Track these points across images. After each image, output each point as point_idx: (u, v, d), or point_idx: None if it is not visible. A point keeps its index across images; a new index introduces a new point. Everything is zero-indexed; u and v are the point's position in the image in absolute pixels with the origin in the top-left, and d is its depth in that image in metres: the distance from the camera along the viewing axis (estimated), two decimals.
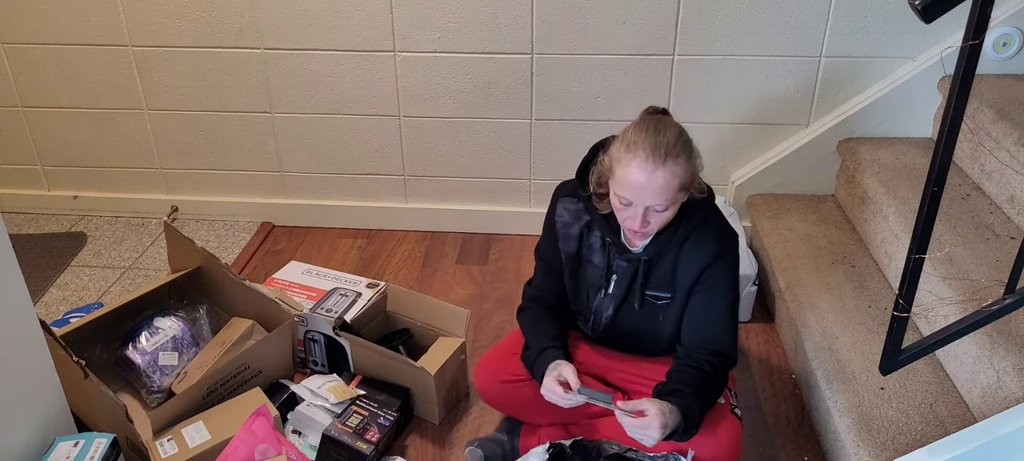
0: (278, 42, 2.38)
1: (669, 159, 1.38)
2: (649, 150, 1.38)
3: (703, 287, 1.52)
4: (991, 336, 1.50)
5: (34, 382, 1.46)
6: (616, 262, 1.57)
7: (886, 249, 2.01)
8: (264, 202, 2.69)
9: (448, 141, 2.51)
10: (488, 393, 1.71)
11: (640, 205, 1.41)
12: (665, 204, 1.41)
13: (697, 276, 1.52)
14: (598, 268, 1.60)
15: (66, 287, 2.37)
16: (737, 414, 1.60)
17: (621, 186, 1.42)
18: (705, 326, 1.54)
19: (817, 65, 2.27)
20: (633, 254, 1.55)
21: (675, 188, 1.40)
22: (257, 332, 1.87)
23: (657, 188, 1.39)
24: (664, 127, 1.41)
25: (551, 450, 1.49)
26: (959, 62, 1.14)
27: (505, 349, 1.73)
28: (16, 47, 2.49)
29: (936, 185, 1.22)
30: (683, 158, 1.40)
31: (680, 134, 1.43)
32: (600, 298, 1.62)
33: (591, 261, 1.61)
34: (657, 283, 1.56)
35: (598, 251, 1.59)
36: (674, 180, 1.39)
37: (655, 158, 1.37)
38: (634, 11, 2.23)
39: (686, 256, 1.52)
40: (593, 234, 1.59)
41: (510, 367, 1.68)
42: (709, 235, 1.51)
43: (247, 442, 1.51)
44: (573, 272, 1.65)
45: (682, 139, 1.42)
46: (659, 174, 1.38)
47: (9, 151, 2.69)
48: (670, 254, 1.53)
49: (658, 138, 1.39)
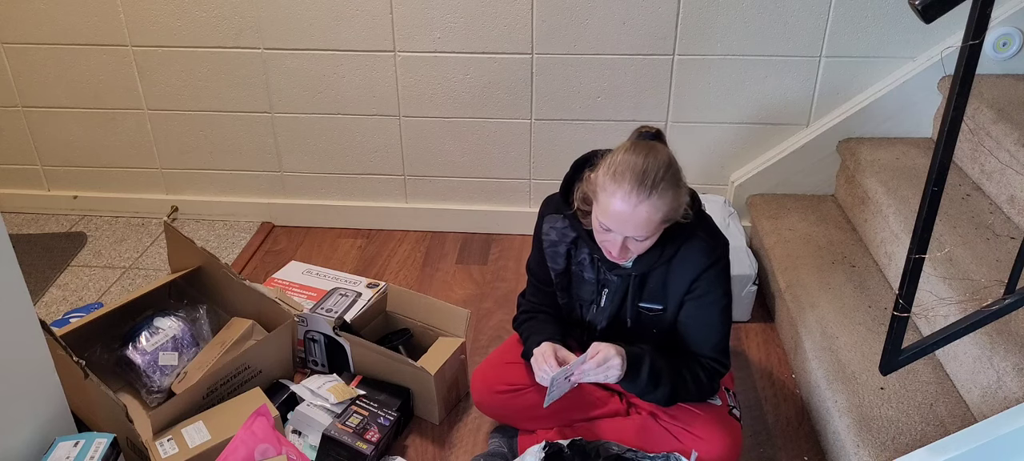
0: (278, 42, 2.38)
1: (654, 194, 1.36)
2: (635, 182, 1.35)
3: (694, 296, 1.52)
4: (991, 336, 1.50)
5: (34, 382, 1.46)
6: (607, 277, 1.57)
7: (886, 249, 2.01)
8: (264, 202, 2.69)
9: (448, 141, 2.51)
10: (484, 404, 1.72)
11: (620, 235, 1.41)
12: (645, 236, 1.40)
13: (688, 286, 1.51)
14: (590, 283, 1.60)
15: (66, 287, 2.37)
16: (735, 415, 1.60)
17: (603, 213, 1.40)
18: (697, 333, 1.55)
19: (817, 65, 2.27)
20: (623, 269, 1.54)
21: (657, 221, 1.39)
22: (257, 332, 1.87)
23: (639, 221, 1.37)
24: (653, 155, 1.38)
25: (547, 449, 1.49)
26: (959, 62, 1.14)
27: (499, 359, 1.73)
28: (16, 47, 2.49)
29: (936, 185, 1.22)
30: (669, 193, 1.38)
31: (669, 165, 1.39)
32: (593, 313, 1.63)
33: (583, 277, 1.60)
34: (649, 295, 1.56)
35: (589, 267, 1.59)
36: (656, 214, 1.37)
37: (640, 192, 1.35)
38: (634, 11, 2.23)
39: (676, 269, 1.51)
40: (581, 251, 1.58)
41: (506, 377, 1.68)
42: (696, 248, 1.49)
43: (247, 442, 1.51)
44: (565, 288, 1.65)
45: (671, 171, 1.39)
46: (642, 208, 1.36)
47: (9, 151, 2.69)
48: (661, 267, 1.52)
49: (646, 169, 1.36)
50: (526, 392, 1.67)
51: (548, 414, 1.67)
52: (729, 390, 1.64)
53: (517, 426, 1.74)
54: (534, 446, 1.51)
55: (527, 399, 1.67)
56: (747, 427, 1.80)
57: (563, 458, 1.51)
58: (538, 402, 1.66)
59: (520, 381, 1.67)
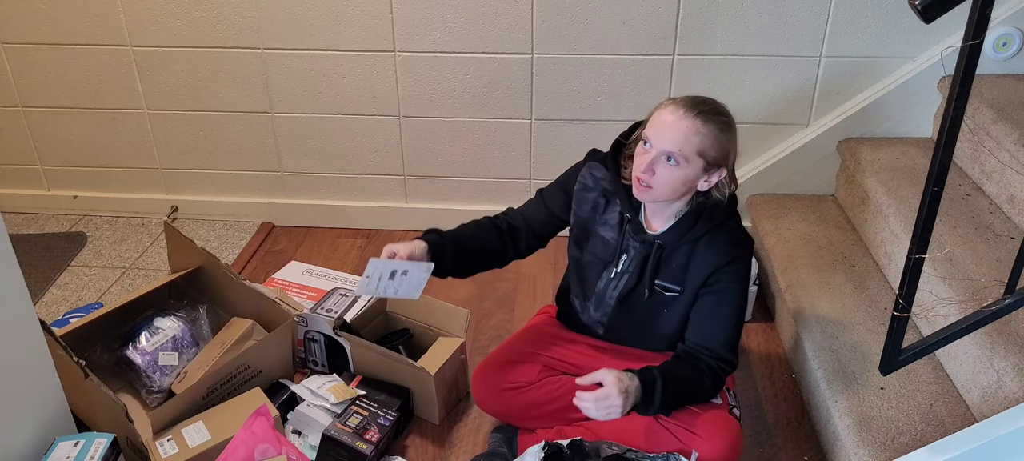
0: (278, 42, 2.38)
1: (701, 117, 1.41)
2: (689, 102, 1.43)
3: (712, 288, 1.52)
4: (991, 336, 1.50)
5: (34, 382, 1.46)
6: (630, 242, 1.56)
7: (886, 249, 2.01)
8: (264, 202, 2.69)
9: (448, 141, 2.51)
10: (485, 402, 1.72)
11: (656, 149, 1.42)
12: (679, 157, 1.41)
13: (707, 276, 1.51)
14: (609, 244, 1.59)
15: (66, 287, 2.37)
16: (735, 414, 1.60)
17: (650, 127, 1.45)
18: (709, 327, 1.53)
19: (817, 65, 2.27)
20: (648, 237, 1.54)
21: (695, 146, 1.41)
22: (257, 332, 1.87)
23: (678, 134, 1.40)
24: (713, 100, 1.46)
25: (547, 448, 1.49)
26: (959, 62, 1.14)
27: (500, 357, 1.73)
28: (16, 47, 2.49)
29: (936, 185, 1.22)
30: (716, 129, 1.42)
31: (726, 113, 1.46)
32: (607, 279, 1.61)
33: (602, 235, 1.60)
34: (669, 274, 1.55)
35: (613, 227, 1.59)
36: (696, 137, 1.40)
37: (689, 109, 1.41)
38: (634, 11, 2.23)
39: (700, 253, 1.51)
40: (611, 209, 1.58)
41: (507, 375, 1.68)
42: (724, 237, 1.51)
43: (247, 442, 1.51)
44: (579, 242, 1.64)
45: (726, 116, 1.45)
46: (685, 123, 1.40)
47: (9, 151, 2.69)
48: (685, 247, 1.52)
49: (705, 99, 1.44)
50: (527, 390, 1.67)
51: (548, 413, 1.67)
52: (729, 390, 1.64)
53: (517, 424, 1.74)
54: (534, 446, 1.51)
55: (528, 397, 1.67)
56: (747, 427, 1.80)
57: (563, 458, 1.51)
58: (540, 401, 1.66)
59: (521, 379, 1.67)
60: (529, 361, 1.71)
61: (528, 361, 1.71)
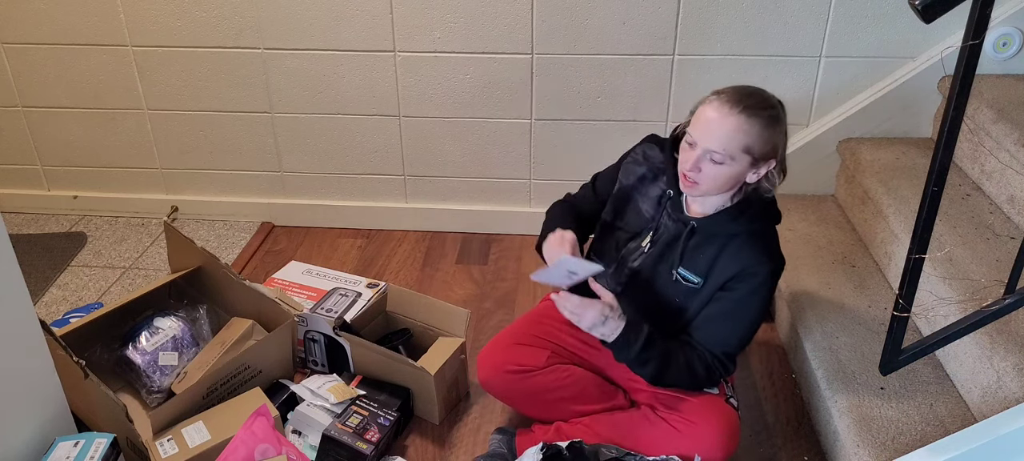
0: (278, 42, 2.38)
1: (747, 111, 1.38)
2: (734, 95, 1.39)
3: (731, 293, 1.48)
4: (991, 336, 1.50)
5: (34, 382, 1.46)
6: (665, 220, 1.55)
7: (886, 249, 2.01)
8: (264, 202, 2.69)
9: (448, 141, 2.51)
10: (490, 384, 1.69)
11: (701, 147, 1.40)
12: (724, 155, 1.39)
13: (731, 277, 1.48)
14: (643, 217, 1.59)
15: (66, 287, 2.37)
16: (733, 403, 1.59)
17: (694, 123, 1.43)
18: (716, 330, 1.51)
19: (817, 65, 2.27)
20: (685, 217, 1.52)
21: (740, 143, 1.38)
22: (257, 332, 1.87)
23: (722, 133, 1.38)
24: (760, 91, 1.42)
25: (545, 450, 1.49)
26: (959, 62, 1.15)
27: (509, 339, 1.71)
28: (16, 47, 2.49)
29: (936, 185, 1.22)
30: (762, 123, 1.39)
31: (773, 105, 1.42)
32: (632, 247, 1.60)
33: (640, 206, 1.59)
34: (693, 265, 1.52)
35: (652, 201, 1.58)
36: (740, 134, 1.38)
37: (735, 104, 1.38)
38: (634, 11, 2.23)
39: (730, 252, 1.48)
40: (656, 185, 1.58)
41: (515, 358, 1.66)
42: (760, 246, 1.48)
43: (247, 442, 1.51)
44: (616, 207, 1.63)
45: (773, 109, 1.42)
46: (730, 120, 1.37)
47: (9, 151, 2.69)
48: (718, 240, 1.49)
49: (751, 92, 1.41)
50: (535, 375, 1.65)
51: (553, 402, 1.66)
52: (727, 381, 1.64)
53: (519, 410, 1.73)
54: (532, 447, 1.50)
55: (534, 383, 1.65)
56: (747, 426, 1.80)
57: (562, 459, 1.51)
58: (545, 387, 1.65)
59: (529, 363, 1.65)
60: (537, 345, 1.69)
61: (536, 345, 1.69)
